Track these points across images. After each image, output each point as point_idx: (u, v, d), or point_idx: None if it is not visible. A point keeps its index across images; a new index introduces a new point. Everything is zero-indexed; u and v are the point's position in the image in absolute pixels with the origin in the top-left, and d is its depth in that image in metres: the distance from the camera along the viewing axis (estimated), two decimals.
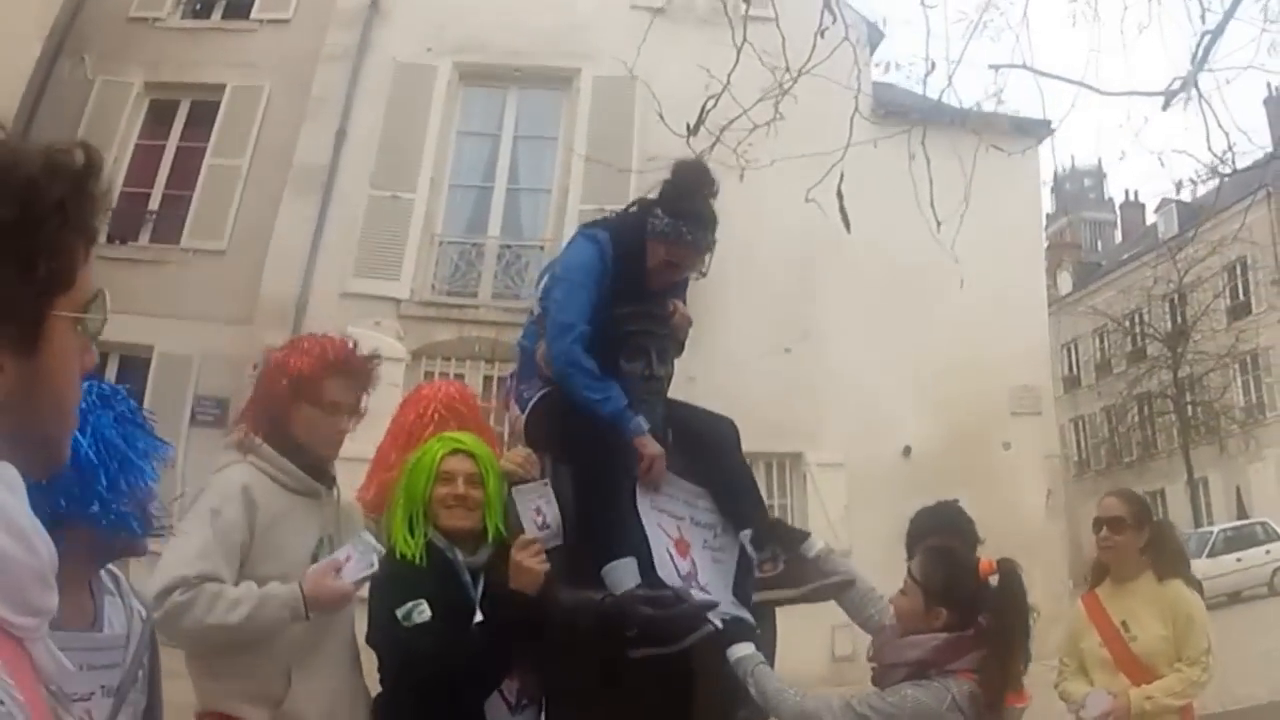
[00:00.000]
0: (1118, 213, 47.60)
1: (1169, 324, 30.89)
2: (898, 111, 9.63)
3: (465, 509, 2.65)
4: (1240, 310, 29.66)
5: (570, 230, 11.54)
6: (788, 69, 5.53)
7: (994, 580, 2.60)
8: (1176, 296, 29.59)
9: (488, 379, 10.55)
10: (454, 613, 2.55)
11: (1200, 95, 5.48)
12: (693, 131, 5.06)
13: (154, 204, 12.93)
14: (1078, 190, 57.69)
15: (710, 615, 2.59)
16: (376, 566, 2.51)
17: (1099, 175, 52.11)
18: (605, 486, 2.72)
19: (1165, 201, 33.69)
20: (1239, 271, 29.23)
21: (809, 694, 2.53)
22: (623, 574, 2.61)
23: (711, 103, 5.11)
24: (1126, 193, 40.46)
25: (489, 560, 2.66)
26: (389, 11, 12.93)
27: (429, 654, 2.48)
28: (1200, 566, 19.41)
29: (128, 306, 11.56)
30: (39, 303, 0.92)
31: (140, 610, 1.85)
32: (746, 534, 2.80)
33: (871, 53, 9.46)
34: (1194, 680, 3.49)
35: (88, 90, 12.72)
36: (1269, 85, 29.17)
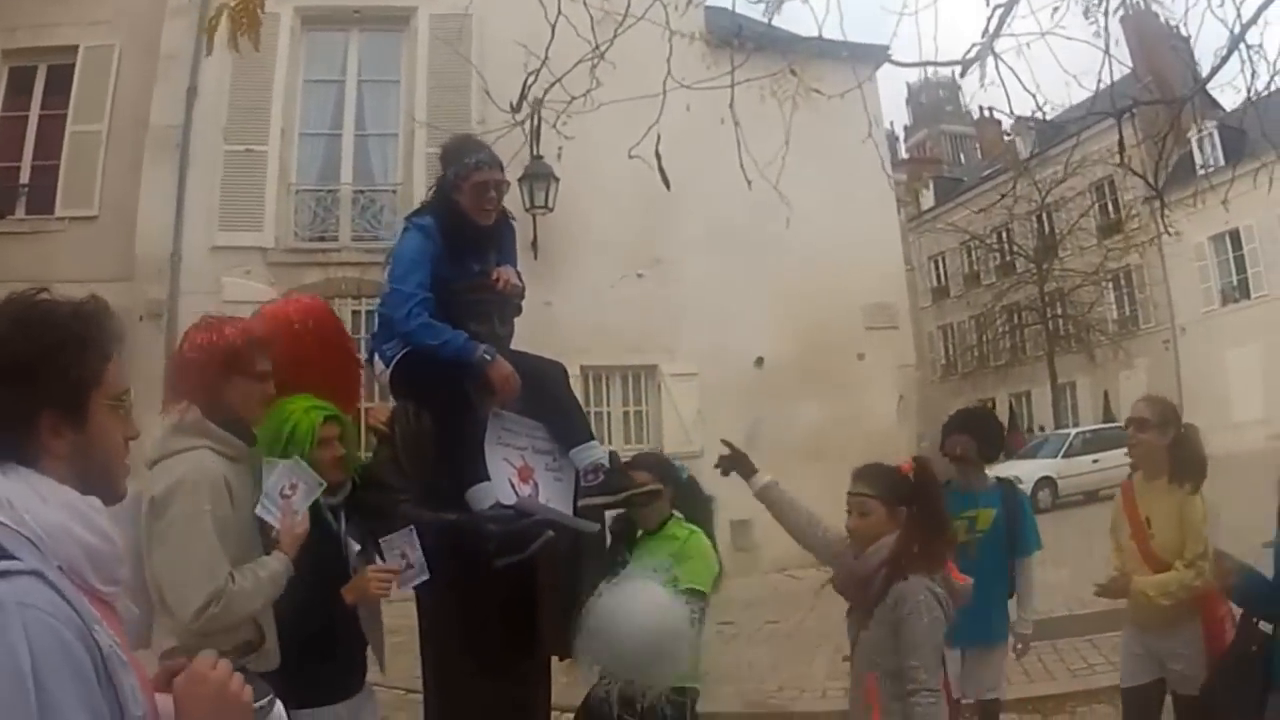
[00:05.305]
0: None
1: (1035, 241, 31.35)
2: (729, 40, 10.11)
3: (343, 466, 3.02)
4: (1111, 228, 29.67)
5: (421, 173, 12.08)
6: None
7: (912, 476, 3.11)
8: (1041, 214, 30.00)
9: (355, 313, 11.08)
10: (322, 558, 2.86)
11: (999, 61, 5.49)
12: (522, 103, 5.48)
13: (25, 176, 12.99)
14: (934, 102, 56.59)
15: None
16: (325, 485, 2.81)
17: (954, 88, 50.53)
18: (459, 426, 3.18)
19: (1021, 120, 33.61)
20: (1107, 190, 29.36)
21: None
22: (482, 496, 3.09)
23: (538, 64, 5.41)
24: (981, 109, 39.66)
25: (349, 497, 3.06)
26: None
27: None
28: (1055, 466, 20.80)
29: (13, 277, 12.00)
30: (78, 393, 1.35)
31: None
32: (575, 451, 3.31)
33: None
34: (1185, 582, 3.68)
35: None
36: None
